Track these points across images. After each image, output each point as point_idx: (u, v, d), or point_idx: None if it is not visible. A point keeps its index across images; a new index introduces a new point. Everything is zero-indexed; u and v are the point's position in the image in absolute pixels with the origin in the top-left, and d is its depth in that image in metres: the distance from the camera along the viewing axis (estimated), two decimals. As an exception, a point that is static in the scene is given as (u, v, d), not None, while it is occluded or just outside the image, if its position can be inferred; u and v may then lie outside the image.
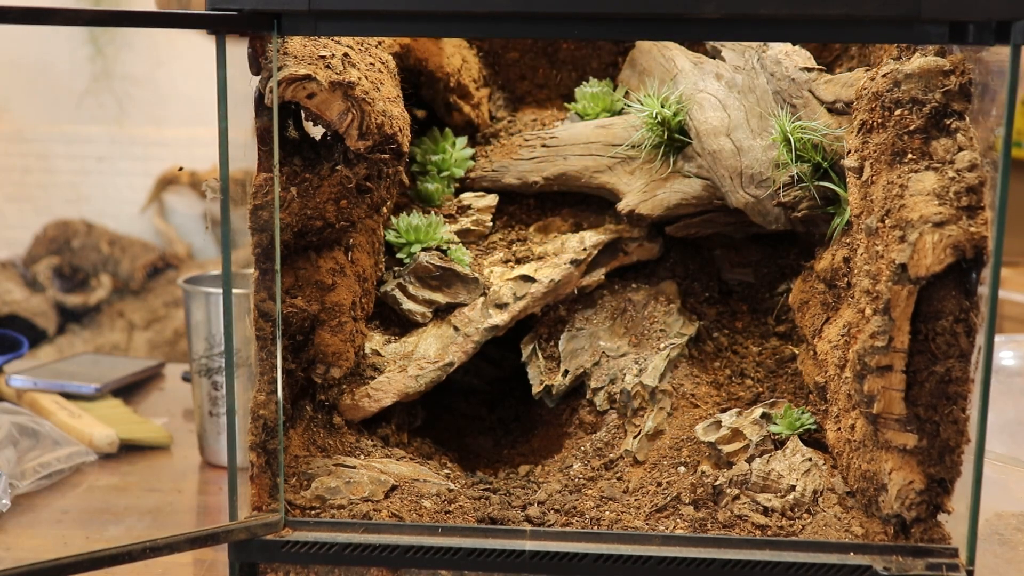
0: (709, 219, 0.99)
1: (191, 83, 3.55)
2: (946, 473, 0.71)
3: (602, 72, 1.14)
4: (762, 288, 1.02)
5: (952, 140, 0.71)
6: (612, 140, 1.02)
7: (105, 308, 3.42)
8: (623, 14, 0.68)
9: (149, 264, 3.48)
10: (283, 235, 0.79)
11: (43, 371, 1.37)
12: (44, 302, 3.33)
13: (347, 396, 0.89)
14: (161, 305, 3.40)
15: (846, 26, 0.69)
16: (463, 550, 0.74)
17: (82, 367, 1.42)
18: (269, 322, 0.76)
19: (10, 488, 1.04)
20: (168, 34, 3.33)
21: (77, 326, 3.39)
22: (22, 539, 0.98)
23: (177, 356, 3.10)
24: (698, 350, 0.96)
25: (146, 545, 0.69)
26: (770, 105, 0.93)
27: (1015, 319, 2.65)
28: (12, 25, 0.63)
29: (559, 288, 0.96)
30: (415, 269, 0.96)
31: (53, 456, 1.12)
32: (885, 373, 0.70)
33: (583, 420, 0.93)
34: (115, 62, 3.65)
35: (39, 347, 3.19)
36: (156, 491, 1.10)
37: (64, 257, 3.47)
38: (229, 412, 0.75)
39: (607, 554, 0.73)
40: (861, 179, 0.77)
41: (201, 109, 3.49)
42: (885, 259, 0.70)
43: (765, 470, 0.80)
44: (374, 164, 0.83)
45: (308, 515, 0.79)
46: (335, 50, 0.79)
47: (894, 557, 0.72)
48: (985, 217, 0.67)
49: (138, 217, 3.67)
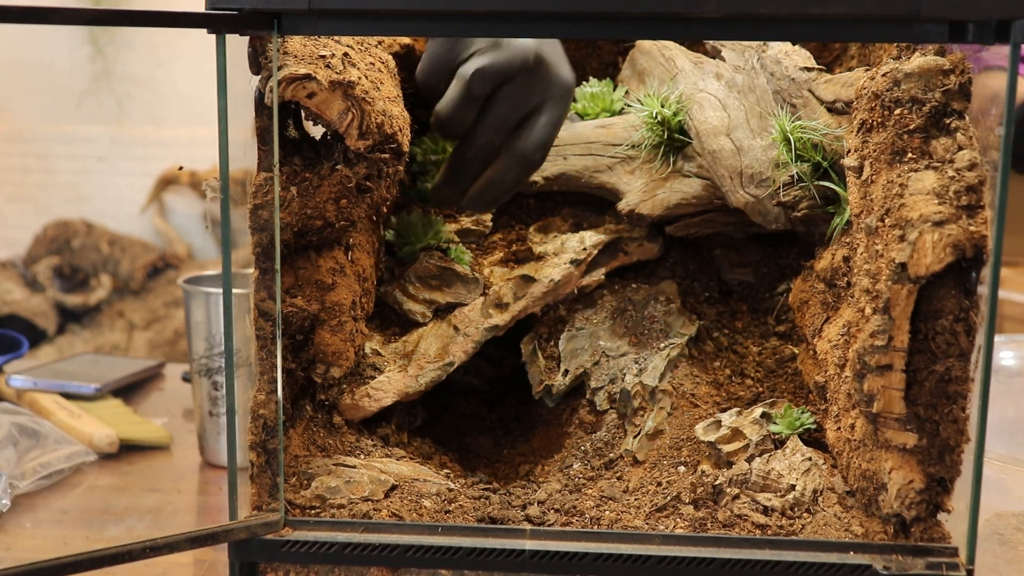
0: (709, 219, 0.99)
1: (191, 83, 3.55)
2: (946, 472, 0.71)
3: (602, 72, 1.14)
4: (762, 288, 1.02)
5: (952, 139, 0.71)
6: (612, 140, 1.02)
7: (105, 308, 3.43)
8: (623, 13, 0.68)
9: (149, 264, 3.48)
10: (283, 235, 0.79)
11: (43, 371, 1.37)
12: (44, 302, 3.33)
13: (347, 396, 0.89)
14: (161, 305, 3.40)
15: (846, 26, 0.69)
16: (463, 549, 0.74)
17: (82, 367, 1.43)
18: (269, 322, 0.76)
19: (10, 488, 1.04)
20: (168, 34, 3.33)
21: (77, 326, 3.39)
22: (22, 539, 0.98)
23: (177, 356, 3.10)
24: (698, 350, 0.96)
25: (146, 545, 0.69)
26: (770, 105, 0.93)
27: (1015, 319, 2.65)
28: (12, 25, 0.63)
29: (559, 288, 0.96)
30: (415, 269, 0.96)
31: (53, 456, 1.12)
32: (885, 372, 0.70)
33: (583, 420, 0.93)
34: (115, 62, 3.65)
35: (39, 347, 3.20)
36: (156, 491, 1.10)
37: (64, 257, 3.47)
38: (229, 412, 0.75)
39: (607, 553, 0.73)
40: (861, 178, 0.77)
41: (201, 109, 3.50)
42: (885, 258, 0.70)
43: (765, 469, 0.80)
44: (374, 164, 0.83)
45: (308, 515, 0.79)
46: (335, 50, 0.79)
47: (894, 556, 0.72)
48: (985, 216, 0.67)
49: (138, 217, 3.67)
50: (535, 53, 0.93)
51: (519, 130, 0.94)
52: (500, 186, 0.95)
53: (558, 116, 0.95)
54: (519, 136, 0.94)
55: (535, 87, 0.94)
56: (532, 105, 0.94)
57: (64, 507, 1.05)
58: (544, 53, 0.94)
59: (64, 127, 3.69)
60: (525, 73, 0.92)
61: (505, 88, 0.92)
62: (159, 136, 3.67)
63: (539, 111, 0.94)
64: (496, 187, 0.95)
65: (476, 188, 0.96)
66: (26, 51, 3.62)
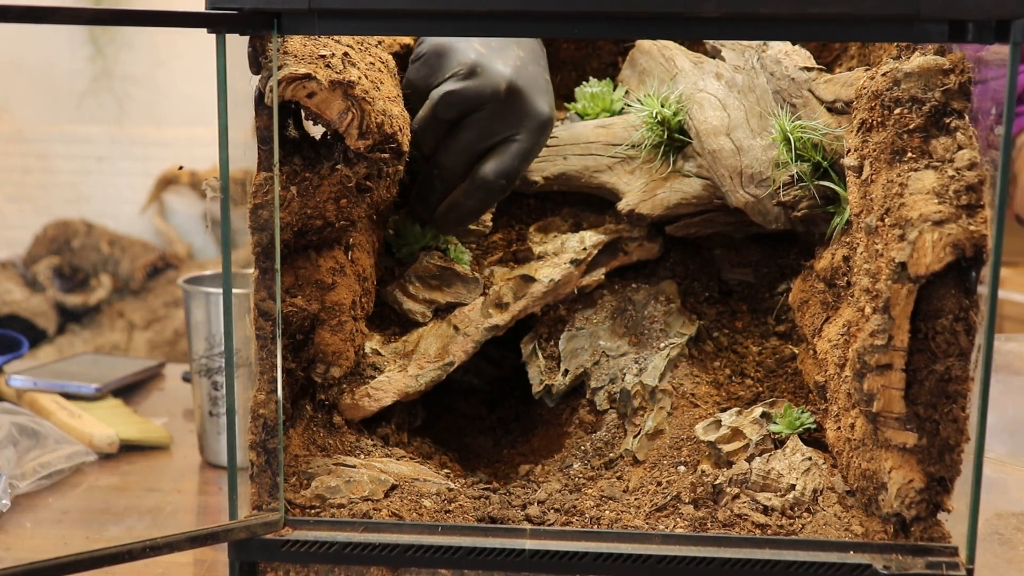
0: (709, 219, 0.99)
1: (191, 83, 3.54)
2: (946, 472, 0.71)
3: (602, 72, 1.14)
4: (762, 288, 1.02)
5: (952, 139, 0.71)
6: (612, 140, 1.02)
7: (105, 308, 3.42)
8: (623, 13, 0.68)
9: (149, 264, 3.48)
10: (283, 234, 0.79)
11: (43, 371, 1.37)
12: (44, 302, 3.32)
13: (347, 395, 0.89)
14: (161, 305, 3.40)
15: (846, 26, 0.69)
16: (463, 549, 0.74)
17: (82, 367, 1.43)
18: (269, 321, 0.76)
19: (10, 488, 1.04)
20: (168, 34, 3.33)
21: (77, 326, 3.39)
22: (22, 539, 0.98)
23: (177, 356, 3.10)
24: (698, 350, 0.96)
25: (146, 544, 0.69)
26: (770, 105, 0.93)
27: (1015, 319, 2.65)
28: (12, 24, 0.63)
29: (559, 288, 0.96)
30: (415, 269, 0.96)
31: (53, 456, 1.12)
32: (885, 371, 0.70)
33: (583, 420, 0.93)
34: (115, 62, 3.65)
35: (39, 347, 3.19)
36: (156, 491, 1.10)
37: (64, 257, 3.47)
38: (229, 412, 0.75)
39: (607, 553, 0.73)
40: (861, 178, 0.77)
41: (201, 109, 3.49)
42: (885, 258, 0.70)
43: (765, 469, 0.80)
44: (374, 163, 0.83)
45: (308, 514, 0.79)
46: (335, 49, 0.79)
47: (894, 556, 0.72)
48: (985, 216, 0.67)
49: (138, 217, 3.67)
50: (509, 84, 0.93)
51: (485, 158, 0.95)
52: (461, 210, 0.96)
53: (528, 148, 0.95)
54: (484, 163, 0.94)
55: (505, 118, 0.94)
56: (501, 136, 0.94)
57: (64, 507, 1.05)
58: (521, 85, 0.94)
59: (64, 127, 3.69)
60: (495, 103, 0.93)
61: (474, 116, 0.93)
62: (159, 136, 3.67)
63: (509, 141, 0.94)
64: (457, 210, 0.96)
65: (441, 209, 0.97)
66: (26, 51, 3.62)
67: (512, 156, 0.94)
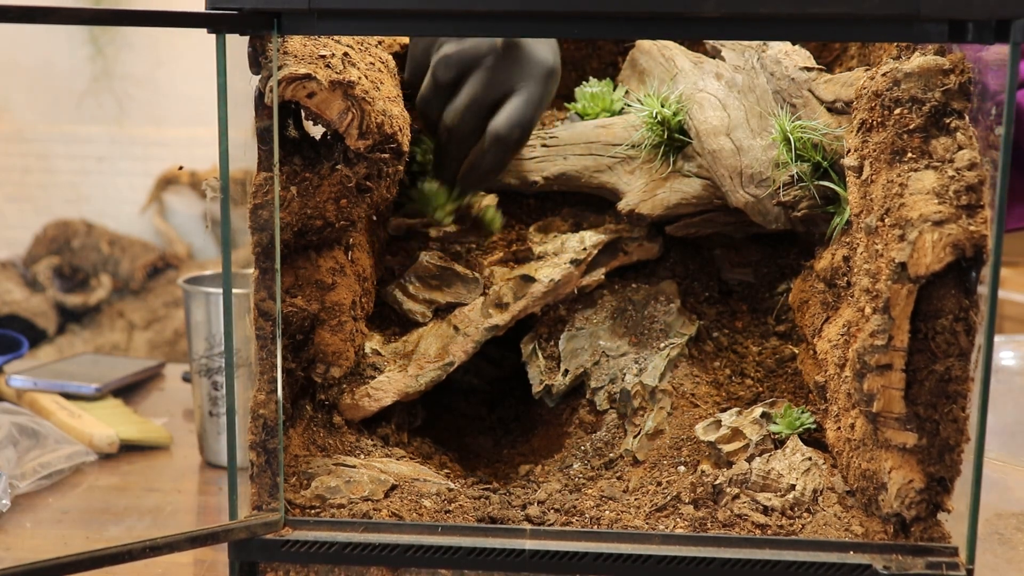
0: (709, 219, 0.99)
1: (191, 83, 3.55)
2: (946, 472, 0.71)
3: (602, 72, 1.14)
4: (762, 288, 1.02)
5: (952, 139, 0.71)
6: (612, 140, 1.02)
7: (105, 308, 3.43)
8: (623, 13, 0.68)
9: (149, 264, 3.48)
10: (283, 234, 0.79)
11: (43, 371, 1.37)
12: (44, 302, 3.33)
13: (347, 395, 0.89)
14: (161, 305, 3.40)
15: (846, 26, 0.69)
16: (463, 549, 0.74)
17: (82, 367, 1.43)
18: (269, 321, 0.76)
19: (10, 488, 1.04)
20: (168, 34, 3.33)
21: (77, 326, 3.39)
22: (22, 539, 0.98)
23: (177, 356, 3.10)
24: (698, 350, 0.96)
25: (146, 544, 0.69)
26: (770, 105, 0.93)
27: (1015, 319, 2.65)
28: (12, 24, 0.63)
29: (559, 288, 0.96)
30: (415, 269, 0.96)
31: (53, 456, 1.12)
32: (885, 372, 0.70)
33: (583, 420, 0.93)
34: (115, 62, 3.65)
35: (39, 347, 3.20)
36: (156, 491, 1.10)
37: (64, 257, 3.47)
38: (229, 412, 0.75)
39: (607, 553, 0.73)
40: (861, 178, 0.77)
41: (201, 109, 3.50)
42: (885, 258, 0.70)
43: (765, 469, 0.80)
44: (374, 163, 0.83)
45: (308, 514, 0.79)
46: (335, 49, 0.79)
47: (894, 556, 0.72)
48: (985, 216, 0.67)
49: (138, 217, 3.67)
50: (505, 39, 0.93)
51: (494, 111, 0.95)
52: (480, 167, 0.96)
53: (537, 95, 0.95)
54: (495, 118, 0.94)
55: (508, 70, 0.93)
56: (506, 87, 0.94)
57: (64, 507, 1.05)
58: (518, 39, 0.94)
59: (64, 127, 3.69)
60: (494, 57, 0.93)
61: (474, 73, 0.93)
62: (159, 136, 3.67)
63: (515, 92, 0.94)
64: (477, 169, 0.96)
65: (462, 171, 0.97)
66: (26, 51, 3.62)
67: (522, 104, 0.94)
